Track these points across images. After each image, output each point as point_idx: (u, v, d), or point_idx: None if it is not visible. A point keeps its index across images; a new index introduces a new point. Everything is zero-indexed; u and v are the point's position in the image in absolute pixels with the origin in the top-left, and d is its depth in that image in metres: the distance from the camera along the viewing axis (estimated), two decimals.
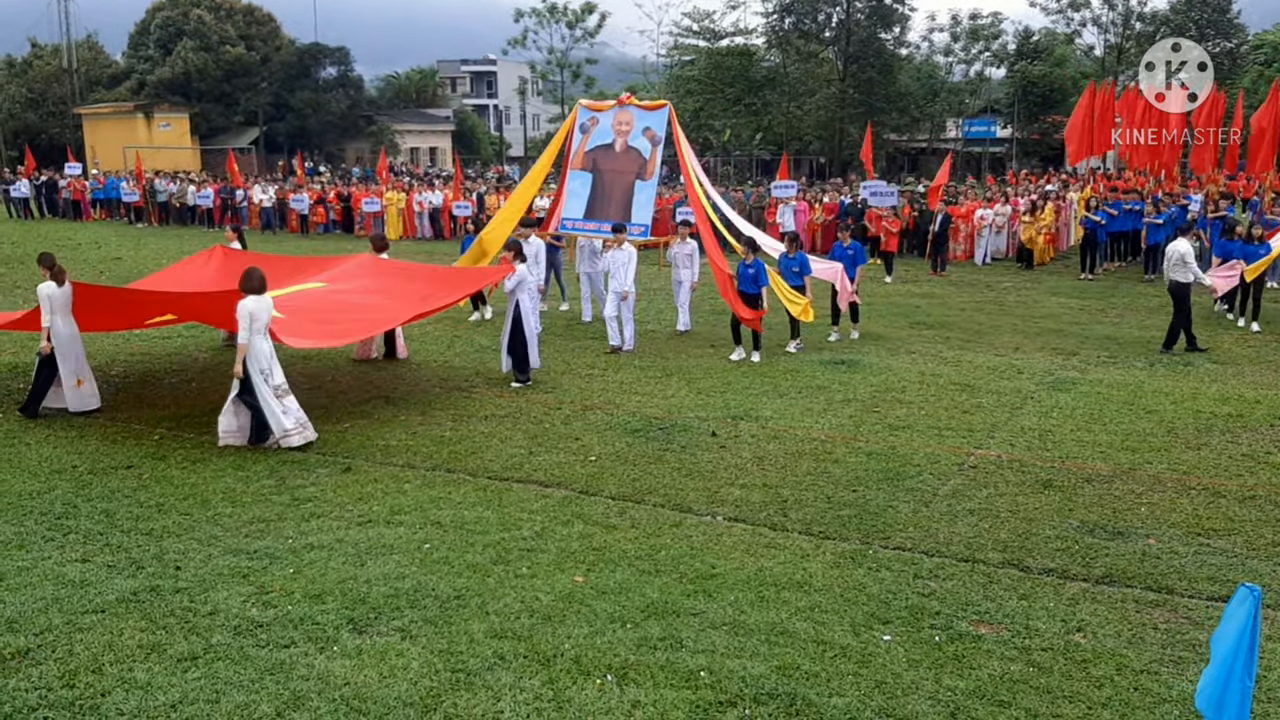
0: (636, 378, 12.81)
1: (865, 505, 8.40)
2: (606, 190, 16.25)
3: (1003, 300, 19.24)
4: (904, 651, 5.94)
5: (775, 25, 64.72)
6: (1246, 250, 15.94)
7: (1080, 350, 14.54)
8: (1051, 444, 10.10)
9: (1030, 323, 16.83)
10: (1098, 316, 17.42)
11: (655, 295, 19.95)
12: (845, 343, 15.14)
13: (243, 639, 6.10)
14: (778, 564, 7.21)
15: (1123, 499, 8.54)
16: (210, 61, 65.30)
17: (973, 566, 7.20)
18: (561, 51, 75.65)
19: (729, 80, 65.57)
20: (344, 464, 9.55)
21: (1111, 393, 12.05)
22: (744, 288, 13.94)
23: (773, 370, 13.31)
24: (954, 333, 15.95)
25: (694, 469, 9.35)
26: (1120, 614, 6.47)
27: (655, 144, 15.78)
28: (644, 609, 6.47)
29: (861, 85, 61.00)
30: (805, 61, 63.78)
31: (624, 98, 16.97)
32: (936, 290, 20.57)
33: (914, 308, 18.43)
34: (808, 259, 14.63)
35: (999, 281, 21.71)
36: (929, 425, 10.74)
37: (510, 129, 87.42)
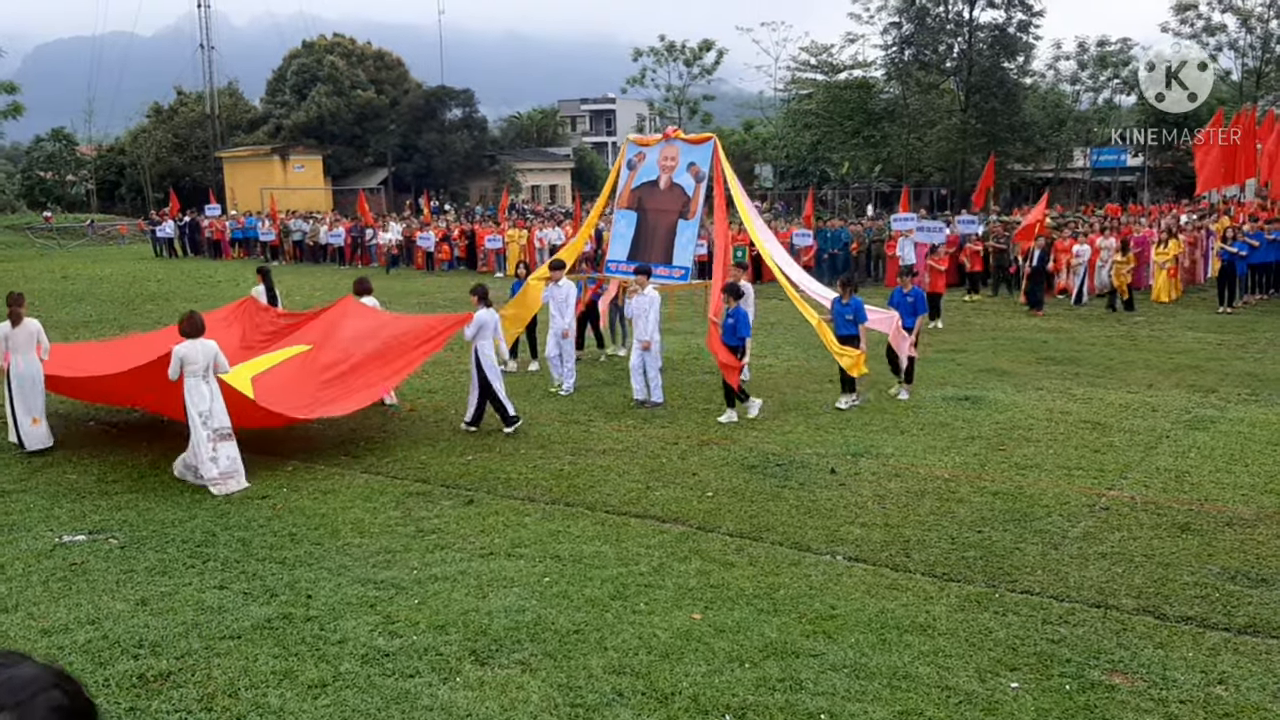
0: (760, 412, 12.75)
1: (991, 547, 8.19)
2: (650, 230, 15.16)
3: (1135, 335, 18.58)
4: (1032, 700, 5.75)
5: (895, 57, 64.17)
6: None
7: (1219, 387, 13.93)
8: (1189, 485, 9.68)
9: (1165, 358, 16.20)
10: (1237, 352, 16.66)
11: (773, 329, 19.90)
12: (970, 378, 14.79)
13: (370, 668, 6.27)
14: (900, 606, 7.08)
15: (1266, 544, 8.13)
16: (342, 105, 67.97)
17: (1105, 613, 6.95)
18: (679, 89, 76.43)
19: (847, 113, 65.23)
20: (467, 496, 9.75)
21: (1254, 432, 11.51)
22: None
23: (894, 407, 13.11)
24: (1083, 368, 15.47)
25: (813, 507, 9.26)
26: (1264, 666, 6.15)
27: (699, 180, 14.74)
28: (762, 648, 6.42)
29: (984, 115, 59.93)
30: (925, 93, 63.02)
31: (670, 131, 15.94)
32: (1064, 324, 19.99)
33: (1041, 342, 17.94)
34: (863, 306, 13.36)
35: (1131, 316, 20.97)
36: (1057, 464, 10.42)
37: None
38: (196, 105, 71.03)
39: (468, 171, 72.93)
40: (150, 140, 67.99)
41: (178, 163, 67.21)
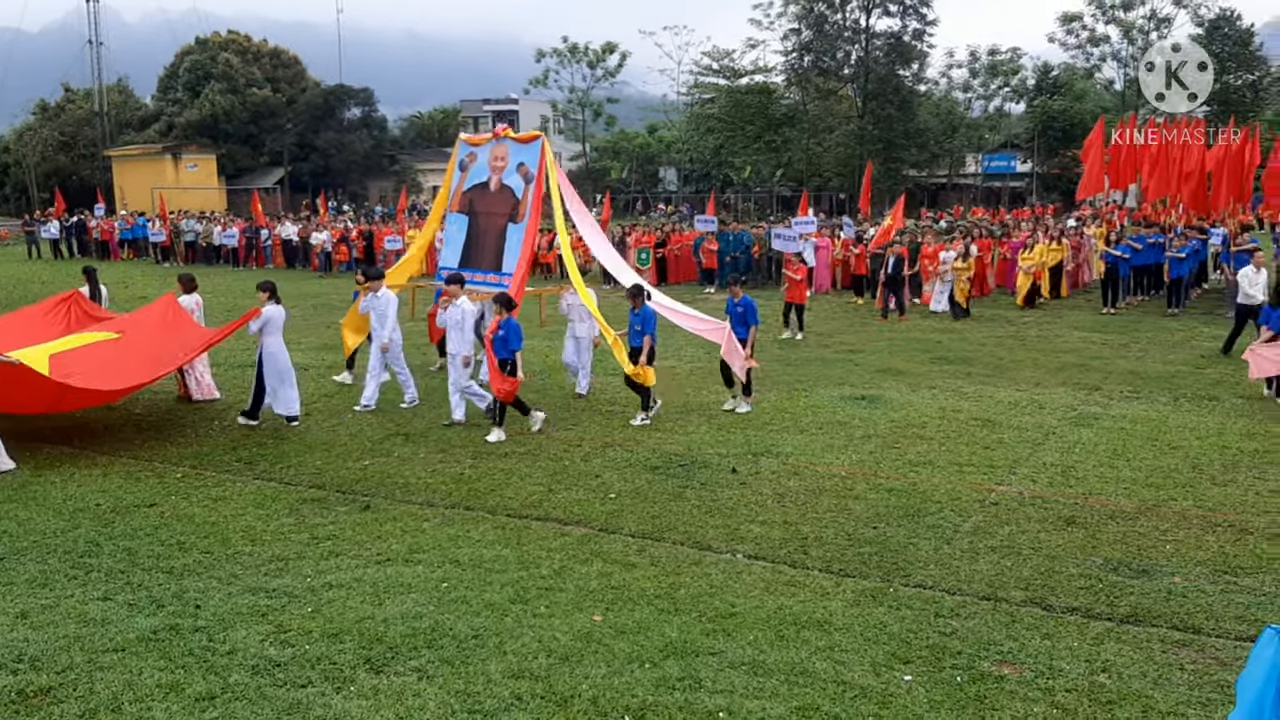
0: (657, 414, 12.78)
1: (886, 542, 8.34)
2: (481, 234, 14.34)
3: (1023, 335, 19.15)
4: (925, 692, 5.87)
5: (794, 63, 65.14)
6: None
7: (1103, 385, 14.43)
8: (1074, 480, 10.00)
9: (1052, 358, 16.73)
10: (1120, 351, 17.29)
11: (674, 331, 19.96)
12: (867, 378, 15.06)
13: (260, 678, 6.10)
14: (798, 602, 7.16)
15: (1147, 536, 8.44)
16: (237, 103, 66.35)
17: (995, 605, 7.13)
18: (583, 90, 76.41)
19: (749, 117, 65.98)
20: (363, 502, 9.57)
21: (1135, 428, 11.95)
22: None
23: (794, 406, 13.28)
24: (975, 368, 15.88)
25: (714, 506, 9.31)
26: (1146, 654, 6.37)
27: (529, 181, 13.93)
28: (663, 648, 6.42)
29: (881, 122, 61.22)
30: (825, 99, 64.11)
31: (500, 130, 14.86)
32: (957, 326, 20.50)
33: (935, 343, 18.37)
34: (653, 316, 12.73)
35: (1020, 317, 21.62)
36: (950, 461, 10.67)
37: None
38: (85, 103, 68.60)
39: (367, 171, 71.81)
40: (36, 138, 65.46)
41: (64, 161, 64.84)
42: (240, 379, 14.77)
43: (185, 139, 63.85)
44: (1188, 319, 20.90)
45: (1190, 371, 15.24)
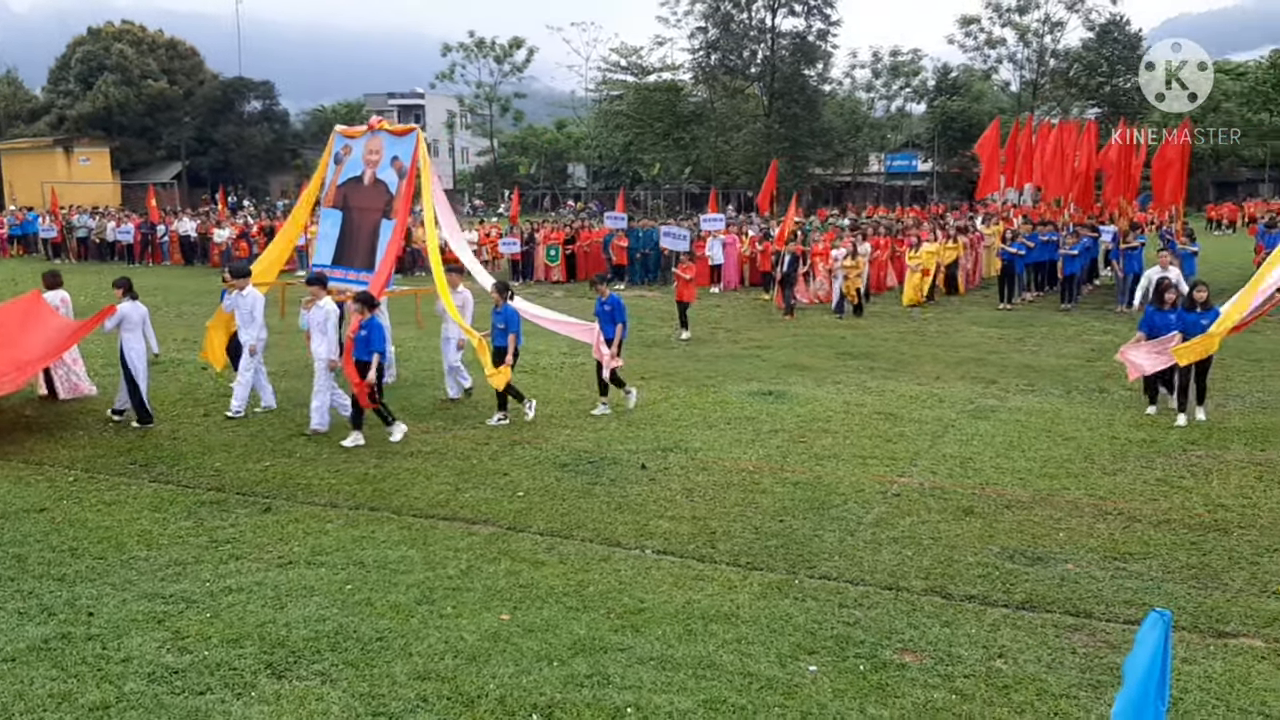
0: (566, 411, 12.77)
1: (792, 535, 8.45)
2: (355, 231, 13.68)
3: (924, 331, 19.59)
4: (829, 682, 5.97)
5: (701, 62, 65.55)
6: (1186, 320, 11.92)
7: (999, 379, 14.84)
8: (972, 471, 10.27)
9: (951, 352, 17.14)
10: (1016, 345, 17.80)
11: None
12: (774, 373, 15.24)
13: (157, 686, 5.93)
14: (705, 596, 7.21)
15: (1042, 525, 8.70)
16: (132, 96, 64.34)
17: (897, 594, 7.28)
18: (490, 86, 75.84)
19: (657, 115, 66.25)
20: (264, 504, 9.37)
21: (1030, 420, 12.31)
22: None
23: (703, 402, 13.37)
24: (878, 363, 16.19)
25: (623, 502, 9.33)
26: (1040, 639, 6.57)
27: (403, 176, 13.34)
28: (571, 646, 6.42)
29: (786, 120, 61.95)
30: (731, 97, 64.65)
31: (374, 122, 14.21)
32: (862, 321, 20.87)
33: (839, 338, 18.68)
34: (516, 314, 12.40)
35: (921, 313, 22.10)
36: (854, 454, 10.86)
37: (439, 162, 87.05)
38: None
39: (268, 166, 70.27)
40: None
41: None
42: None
43: (77, 132, 61.66)
44: (1080, 314, 21.59)
45: (1082, 365, 15.76)
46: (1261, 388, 13.94)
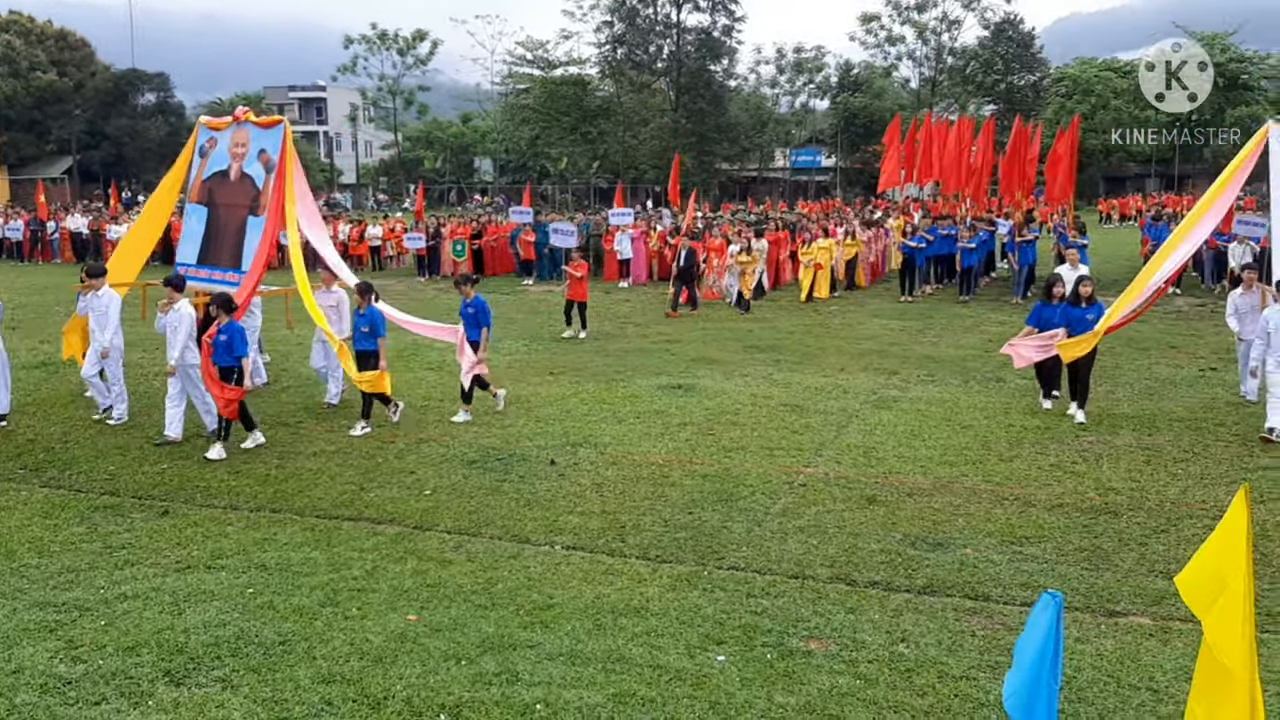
0: (474, 408, 12.65)
1: (700, 527, 8.52)
2: (221, 228, 12.99)
3: (829, 324, 19.91)
4: (737, 671, 6.03)
5: (608, 56, 65.53)
6: (1071, 315, 12.05)
7: (901, 369, 15.15)
8: (875, 460, 10.47)
9: (854, 344, 17.45)
10: (917, 337, 18.20)
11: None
12: (683, 367, 15.32)
13: (49, 698, 5.72)
14: (615, 590, 7.23)
15: (942, 511, 8.91)
16: (19, 88, 61.92)
17: (803, 583, 7.38)
18: (393, 78, 74.76)
19: (564, 109, 66.06)
20: (161, 507, 9.10)
21: (930, 409, 12.59)
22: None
23: (612, 397, 13.38)
24: (784, 355, 16.39)
25: (532, 499, 9.29)
26: (941, 623, 6.73)
27: (270, 170, 12.65)
28: (479, 644, 6.37)
29: (693, 115, 62.32)
30: (638, 92, 64.75)
31: (240, 113, 13.44)
32: (768, 315, 21.11)
33: (747, 332, 18.87)
34: (381, 316, 11.93)
35: (826, 306, 22.45)
36: (761, 446, 10.98)
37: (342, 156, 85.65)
38: None
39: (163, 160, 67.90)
40: None
41: None
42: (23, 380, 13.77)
43: None
44: (978, 306, 22.17)
45: (979, 355, 16.17)
46: (1149, 375, 14.48)
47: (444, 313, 20.95)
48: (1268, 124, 12.22)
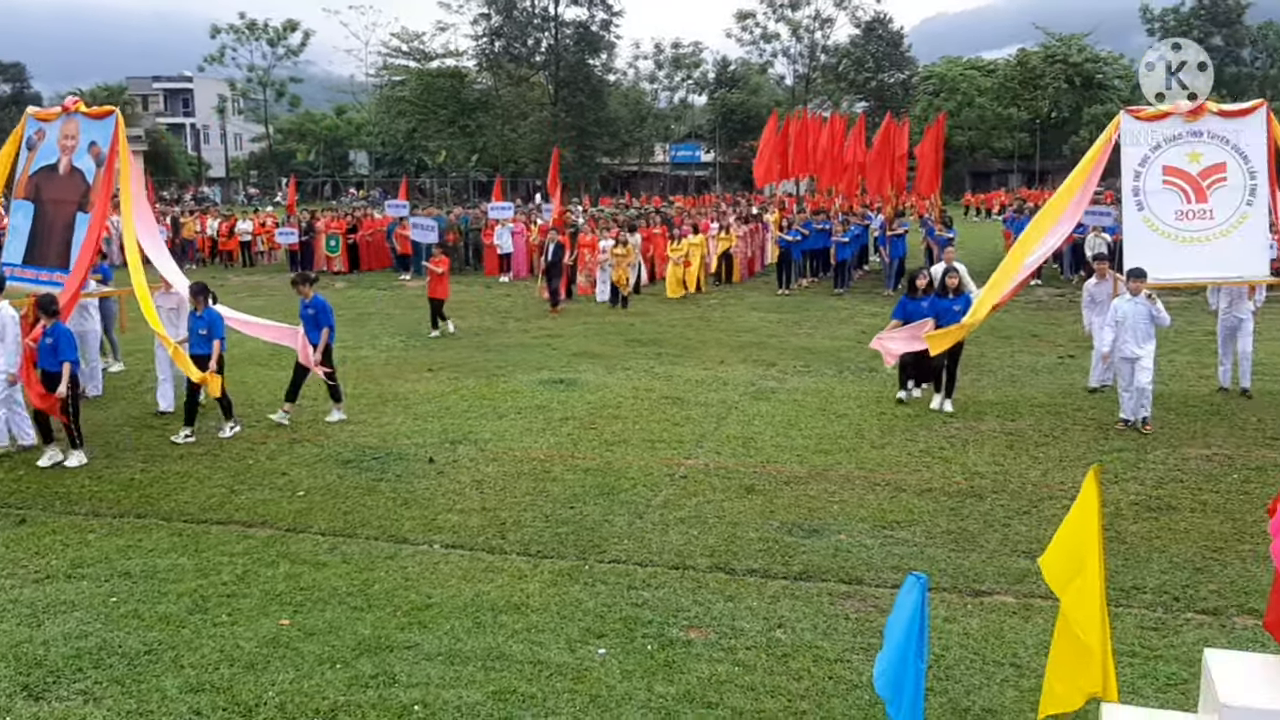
0: (349, 407, 12.39)
1: (582, 521, 8.52)
2: (49, 226, 12.19)
3: (709, 317, 20.13)
4: (618, 663, 6.05)
5: (485, 48, 64.97)
6: (939, 306, 12.25)
7: (779, 361, 15.42)
8: (754, 450, 10.63)
9: (734, 336, 17.69)
10: (793, 329, 18.55)
11: (368, 320, 19.49)
12: (565, 361, 15.29)
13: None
14: (495, 588, 7.18)
15: (818, 498, 9.10)
16: None
17: (683, 573, 7.46)
18: (263, 69, 72.78)
19: (441, 102, 65.27)
20: (18, 516, 8.68)
21: (807, 399, 12.85)
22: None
23: (492, 392, 13.28)
24: (665, 348, 16.52)
25: (410, 497, 9.16)
26: (816, 607, 6.88)
27: (100, 164, 11.88)
28: (355, 647, 6.25)
29: (573, 109, 62.28)
30: (517, 85, 64.41)
31: (69, 103, 12.58)
32: (649, 309, 21.23)
33: (629, 325, 18.94)
34: (220, 318, 11.36)
35: (706, 299, 22.70)
36: (642, 439, 11.04)
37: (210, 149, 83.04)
38: None
39: None
40: None
41: None
42: None
43: None
44: (851, 298, 22.72)
45: (854, 346, 16.56)
46: (1011, 362, 15.06)
47: None
48: (1119, 115, 12.65)
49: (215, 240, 31.33)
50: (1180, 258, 11.92)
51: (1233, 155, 12.00)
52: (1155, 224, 12.05)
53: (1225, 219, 11.94)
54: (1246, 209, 11.92)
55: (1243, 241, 11.90)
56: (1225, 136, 12.07)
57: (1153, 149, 12.18)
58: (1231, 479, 9.50)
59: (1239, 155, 11.99)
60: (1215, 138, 12.09)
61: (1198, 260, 11.92)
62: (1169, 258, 11.88)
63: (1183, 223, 12.01)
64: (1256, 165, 11.94)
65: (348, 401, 12.36)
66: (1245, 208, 11.92)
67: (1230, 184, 11.95)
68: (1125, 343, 11.18)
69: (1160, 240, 12.01)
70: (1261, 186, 11.94)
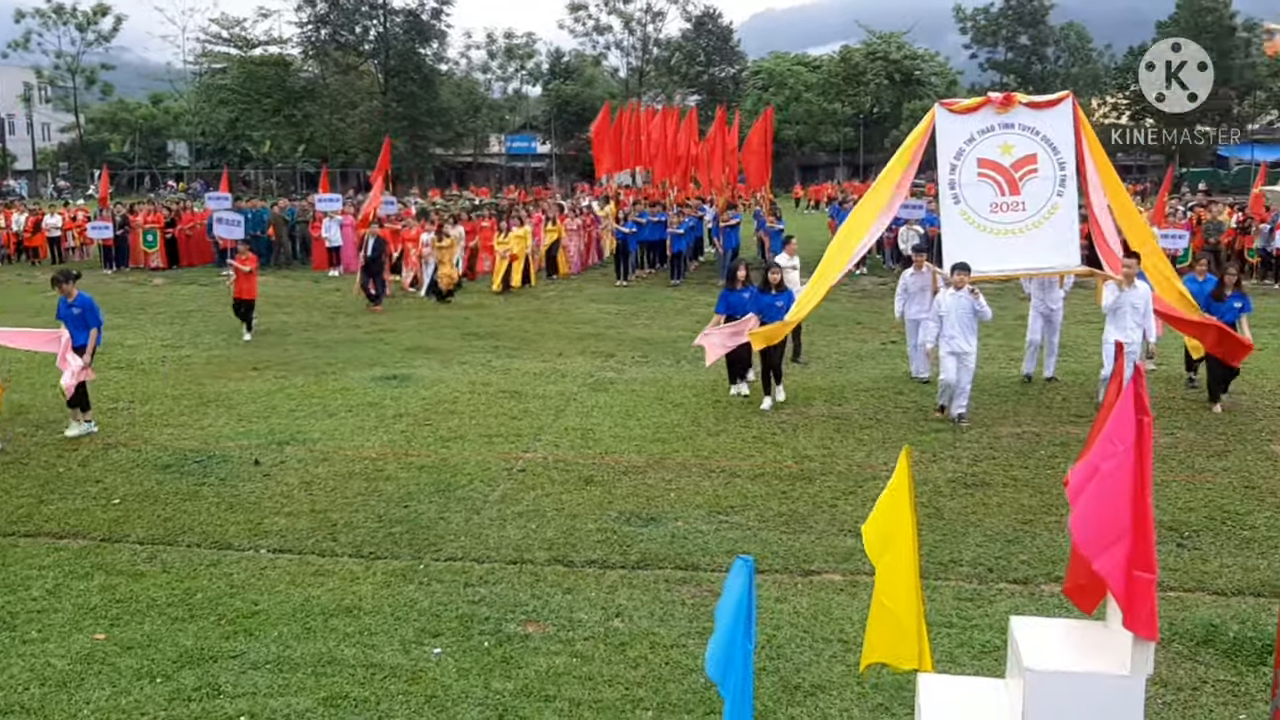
0: (169, 409, 11.85)
1: (417, 520, 8.38)
2: None
3: (547, 309, 20.09)
4: (454, 662, 5.99)
5: (311, 36, 63.09)
6: (762, 302, 12.12)
7: (617, 352, 15.52)
8: (592, 441, 10.67)
9: (572, 328, 17.70)
10: (631, 320, 18.69)
11: (189, 317, 18.66)
12: (398, 356, 14.99)
13: None
14: (325, 591, 6.99)
15: (655, 487, 9.21)
16: None
17: (521, 568, 7.43)
18: (72, 56, 68.71)
19: (265, 90, 63.09)
20: None
21: (645, 389, 12.97)
22: None
23: (322, 390, 12.91)
24: (503, 341, 16.39)
25: (235, 502, 8.82)
26: (653, 595, 6.96)
27: None
28: (176, 659, 5.99)
29: (404, 99, 61.11)
30: (345, 74, 62.77)
31: None
32: (485, 301, 21.02)
33: (464, 319, 18.72)
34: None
35: (544, 292, 22.64)
36: (480, 434, 10.93)
37: (15, 140, 77.75)
38: None
39: None
40: None
41: None
42: None
43: None
44: (688, 289, 23.05)
45: (689, 336, 16.71)
46: (838, 349, 15.59)
47: (137, 308, 19.54)
48: (934, 108, 12.84)
49: (20, 236, 29.38)
50: (996, 250, 12.16)
51: (1043, 146, 12.24)
52: (971, 217, 12.26)
53: (1037, 210, 12.22)
54: (1057, 199, 12.23)
55: (1054, 232, 12.23)
56: (1035, 128, 12.28)
57: (967, 142, 12.33)
58: (1040, 455, 10.08)
59: (1049, 146, 12.23)
60: (1026, 129, 12.28)
61: (1012, 252, 12.19)
62: (986, 251, 12.04)
63: (997, 215, 12.24)
64: (1065, 156, 12.24)
65: (168, 404, 11.81)
66: (1056, 198, 12.23)
67: (1041, 175, 12.21)
68: (952, 337, 11.21)
69: (977, 233, 12.22)
70: (1070, 177, 12.25)
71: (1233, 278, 12.22)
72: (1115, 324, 11.29)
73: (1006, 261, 12.28)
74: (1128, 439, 3.40)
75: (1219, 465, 9.79)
